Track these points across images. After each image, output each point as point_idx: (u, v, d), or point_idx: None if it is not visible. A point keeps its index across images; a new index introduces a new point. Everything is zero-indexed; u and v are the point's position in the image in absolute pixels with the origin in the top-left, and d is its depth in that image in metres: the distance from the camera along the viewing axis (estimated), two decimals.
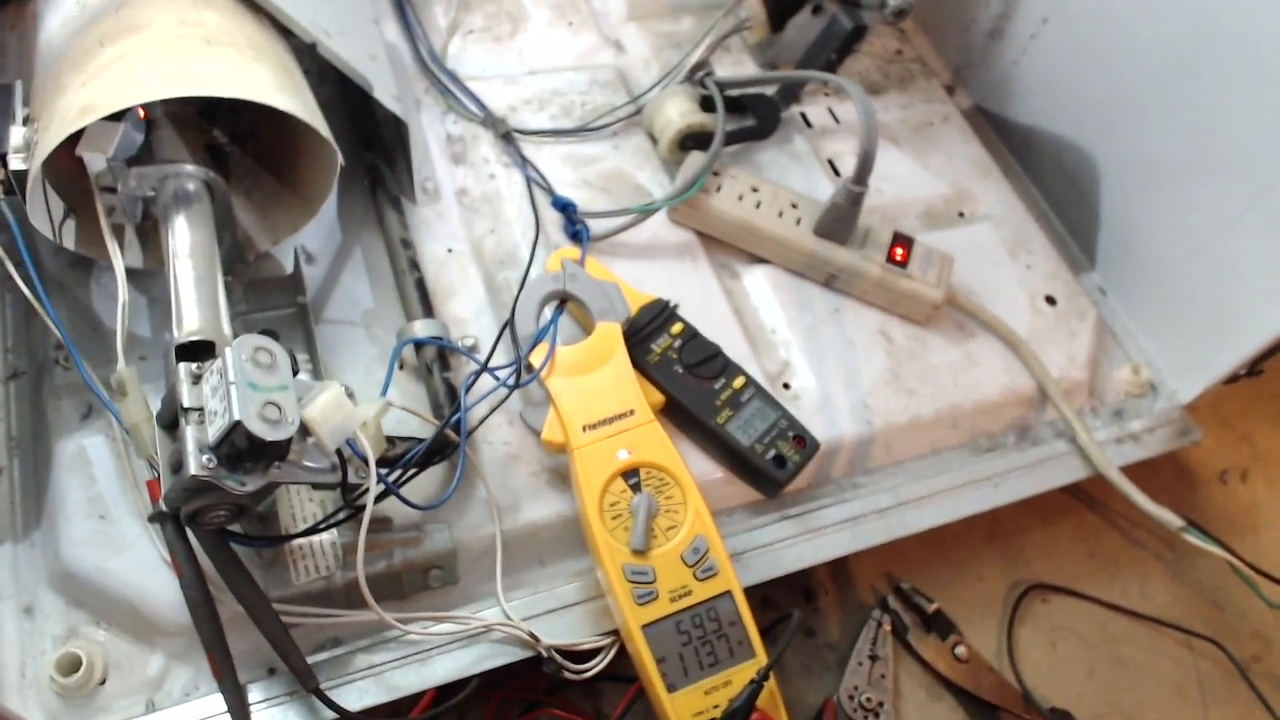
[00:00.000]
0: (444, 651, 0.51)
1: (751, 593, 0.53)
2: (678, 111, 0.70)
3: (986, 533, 0.68)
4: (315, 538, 0.50)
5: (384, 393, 0.53)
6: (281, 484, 0.44)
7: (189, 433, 0.42)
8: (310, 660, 0.49)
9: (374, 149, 0.66)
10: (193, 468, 0.41)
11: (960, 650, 0.61)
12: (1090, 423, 0.68)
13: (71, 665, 0.48)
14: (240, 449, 0.41)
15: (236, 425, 0.40)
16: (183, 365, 0.44)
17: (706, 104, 0.71)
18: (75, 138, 0.50)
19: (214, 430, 0.41)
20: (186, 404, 0.43)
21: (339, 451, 0.45)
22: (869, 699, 0.58)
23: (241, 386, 0.41)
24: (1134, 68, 0.71)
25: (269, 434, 0.40)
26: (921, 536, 0.61)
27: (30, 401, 0.56)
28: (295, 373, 0.44)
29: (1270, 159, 0.62)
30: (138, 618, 0.50)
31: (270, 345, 0.43)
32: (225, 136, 0.61)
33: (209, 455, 0.41)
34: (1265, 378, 0.69)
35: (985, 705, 0.61)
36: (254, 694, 0.49)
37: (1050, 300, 0.71)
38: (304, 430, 0.43)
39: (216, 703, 0.47)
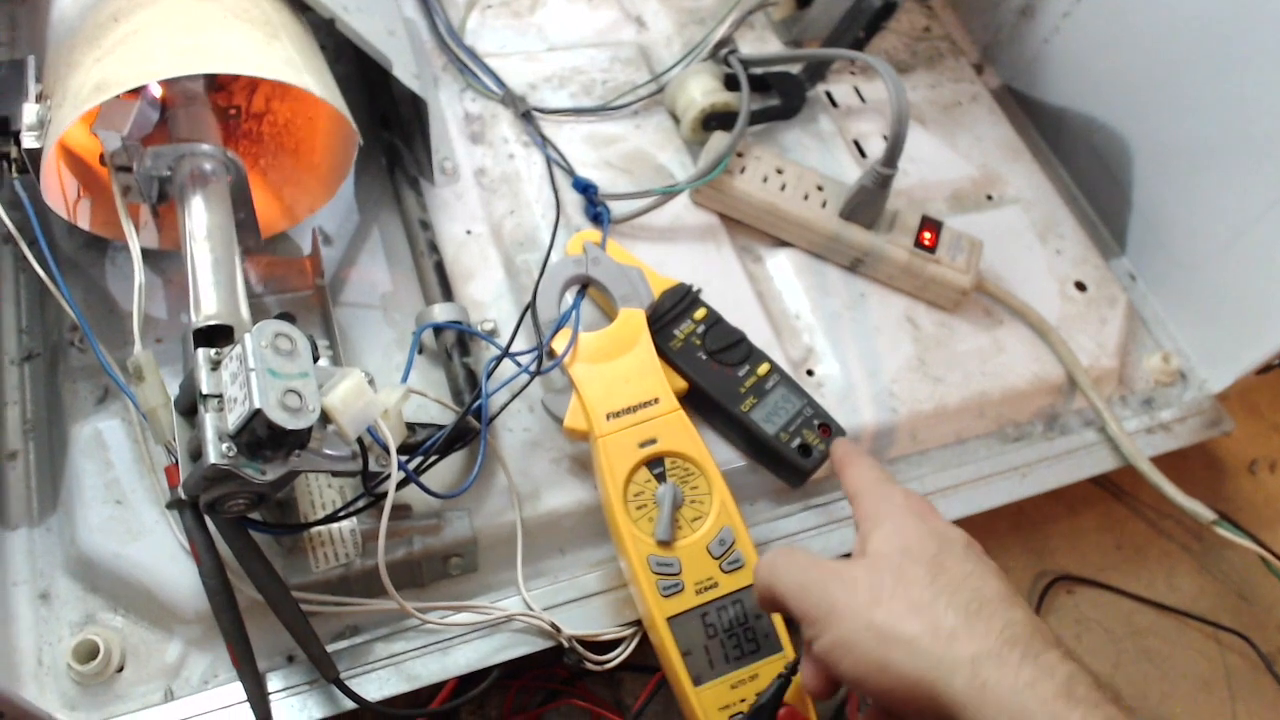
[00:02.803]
0: (464, 641, 0.50)
1: None
2: (701, 90, 0.68)
3: (1012, 522, 0.67)
4: (335, 525, 0.50)
5: (404, 379, 0.52)
6: (302, 472, 0.43)
7: (208, 420, 0.41)
8: (330, 649, 0.48)
9: (391, 127, 0.65)
10: (212, 456, 0.40)
11: None
12: (1119, 412, 0.67)
13: (89, 652, 0.48)
14: (260, 437, 0.40)
15: (257, 413, 0.39)
16: (201, 351, 0.43)
17: (730, 82, 0.69)
18: (90, 115, 0.49)
19: (234, 418, 0.40)
20: (205, 390, 0.42)
21: (360, 439, 0.44)
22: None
23: (261, 374, 0.40)
24: (1169, 48, 0.69)
25: (290, 422, 0.40)
26: None
27: (45, 384, 0.55)
28: (315, 359, 0.43)
29: None
30: (155, 604, 0.49)
31: (290, 331, 0.42)
32: (242, 114, 0.60)
33: (228, 443, 0.41)
34: None
35: None
36: (273, 682, 0.48)
37: (1080, 286, 0.70)
38: (324, 418, 0.42)
39: (235, 691, 0.47)
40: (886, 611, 0.38)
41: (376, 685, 0.48)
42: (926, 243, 0.64)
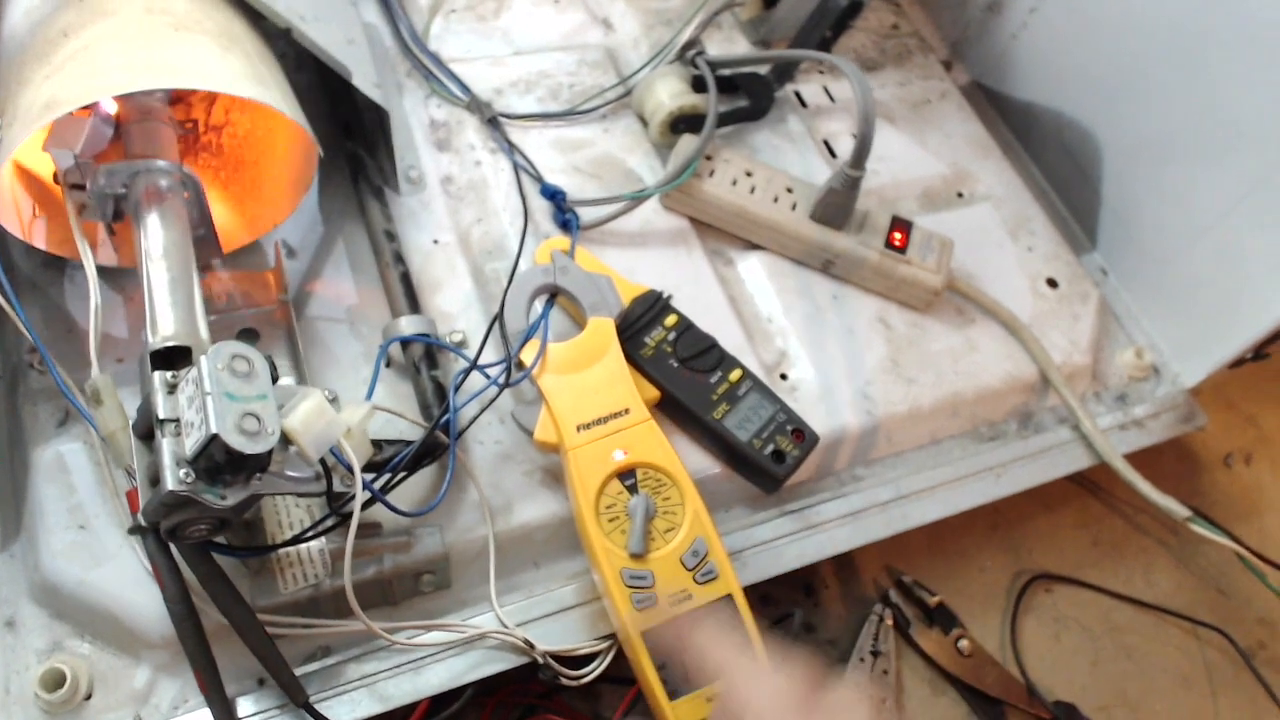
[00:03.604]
0: (437, 660, 0.49)
1: (751, 589, 0.52)
2: (669, 93, 0.67)
3: (989, 522, 0.67)
4: (303, 545, 0.49)
5: (369, 396, 0.51)
6: (264, 495, 0.42)
7: (165, 445, 0.40)
8: (300, 671, 0.48)
9: (354, 136, 0.64)
10: (170, 483, 0.39)
11: (963, 644, 0.60)
12: (1093, 408, 0.67)
13: (56, 680, 0.47)
14: (219, 462, 0.40)
15: (214, 438, 0.38)
16: (157, 374, 0.42)
17: (698, 84, 0.68)
18: (43, 133, 0.48)
19: (191, 443, 0.39)
20: (162, 415, 0.41)
21: (323, 460, 0.44)
22: (871, 695, 0.57)
23: (218, 397, 0.39)
24: (1138, 43, 0.69)
25: (248, 446, 0.39)
26: (923, 528, 0.59)
27: (4, 407, 0.54)
28: (275, 379, 0.42)
29: (1278, 138, 0.61)
30: (122, 630, 0.48)
31: (248, 352, 0.41)
32: (200, 126, 0.59)
33: (186, 469, 0.40)
34: (1271, 359, 0.67)
35: (989, 700, 0.60)
36: (244, 707, 0.47)
37: (1052, 283, 0.70)
38: (285, 440, 0.41)
39: (205, 717, 0.46)
40: None
41: (348, 708, 0.48)
42: (897, 243, 0.64)
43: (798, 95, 0.75)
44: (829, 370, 0.62)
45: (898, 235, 0.64)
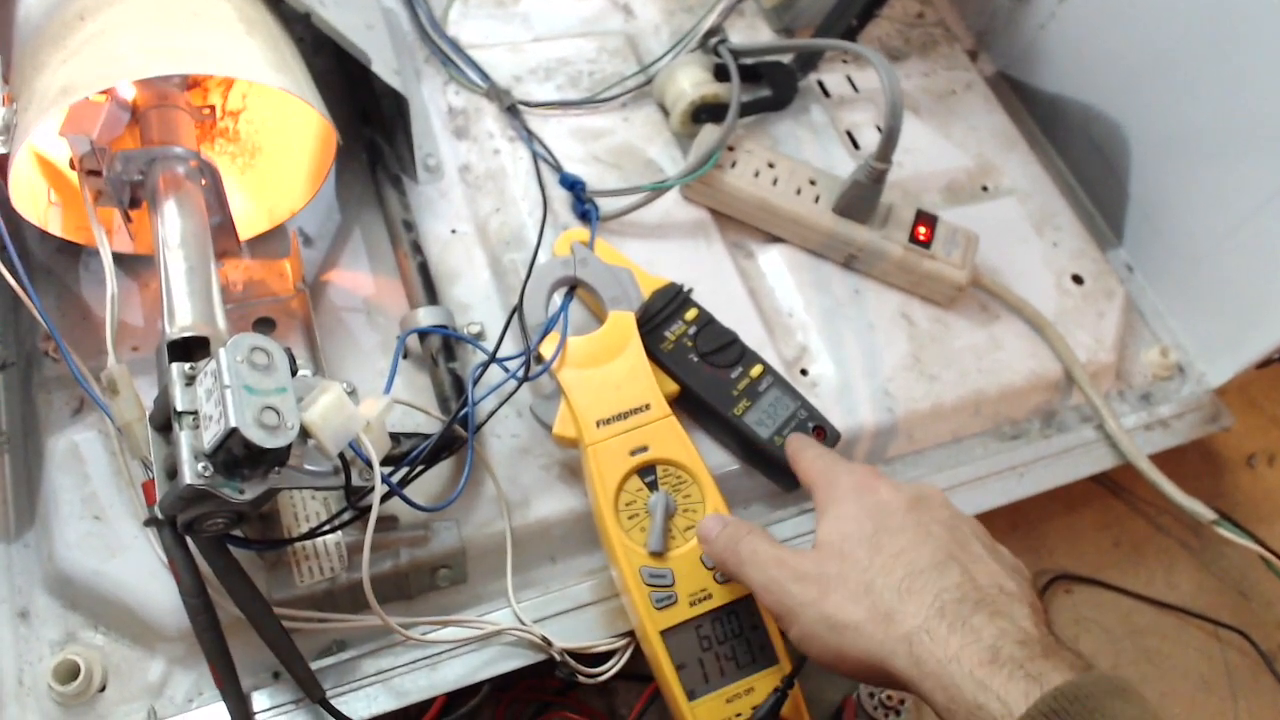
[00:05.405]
0: (453, 656, 0.49)
1: None
2: (690, 82, 0.66)
3: (1009, 521, 0.66)
4: (319, 539, 0.48)
5: (388, 389, 0.51)
6: (282, 489, 0.42)
7: (183, 439, 0.40)
8: (316, 665, 0.47)
9: (372, 123, 0.63)
10: (188, 477, 0.39)
11: None
12: (1117, 407, 0.66)
13: (70, 672, 0.47)
14: (237, 456, 0.39)
15: (233, 432, 0.38)
16: (175, 366, 0.41)
17: (720, 73, 0.67)
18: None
19: (209, 437, 0.39)
20: (180, 407, 0.40)
21: (341, 453, 0.43)
22: (890, 696, 0.57)
23: (237, 390, 0.38)
24: (1168, 34, 0.67)
25: (267, 441, 0.38)
26: None
27: (20, 394, 0.53)
28: (294, 372, 0.42)
29: None
30: (137, 622, 0.48)
31: (267, 345, 0.41)
32: (218, 112, 0.58)
33: (205, 463, 0.39)
34: None
35: None
36: (259, 700, 0.47)
37: (1077, 280, 0.68)
38: (304, 433, 0.41)
39: (220, 711, 0.46)
40: (834, 603, 0.41)
41: (364, 703, 0.47)
42: (921, 238, 0.63)
43: (821, 85, 0.74)
44: (850, 366, 0.61)
45: (922, 229, 0.63)
